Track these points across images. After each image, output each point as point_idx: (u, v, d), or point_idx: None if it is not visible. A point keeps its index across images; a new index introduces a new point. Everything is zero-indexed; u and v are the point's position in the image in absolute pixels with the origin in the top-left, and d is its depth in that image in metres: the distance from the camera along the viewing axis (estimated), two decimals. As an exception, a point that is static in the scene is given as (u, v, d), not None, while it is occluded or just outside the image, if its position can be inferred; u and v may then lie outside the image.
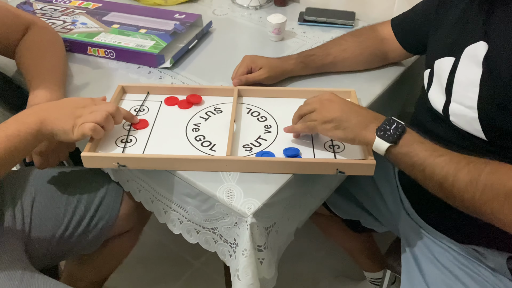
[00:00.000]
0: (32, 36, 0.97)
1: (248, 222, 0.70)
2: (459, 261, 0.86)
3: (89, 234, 0.98)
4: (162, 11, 1.26)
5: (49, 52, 0.96)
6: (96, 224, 0.98)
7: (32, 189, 0.94)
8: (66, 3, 1.28)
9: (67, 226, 0.94)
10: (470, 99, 0.73)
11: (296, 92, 0.94)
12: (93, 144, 0.78)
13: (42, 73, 0.90)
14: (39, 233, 0.91)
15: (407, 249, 0.95)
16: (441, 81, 0.80)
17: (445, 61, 0.79)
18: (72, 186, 0.98)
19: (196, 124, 0.87)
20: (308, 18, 1.25)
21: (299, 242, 1.11)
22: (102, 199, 0.99)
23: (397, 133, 0.69)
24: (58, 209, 0.94)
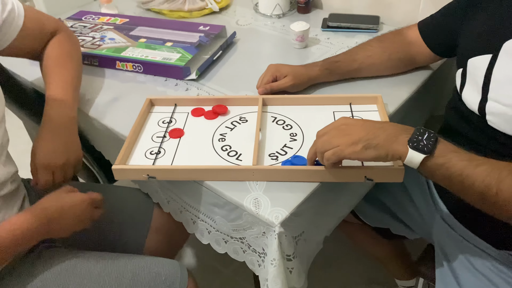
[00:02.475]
0: (53, 45, 0.98)
1: (276, 232, 0.70)
2: (496, 267, 0.83)
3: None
4: (187, 23, 1.29)
5: (68, 63, 0.97)
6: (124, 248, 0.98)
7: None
8: (94, 20, 1.33)
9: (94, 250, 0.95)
10: (508, 97, 0.70)
11: (321, 99, 0.94)
12: (124, 156, 0.80)
13: (56, 92, 0.92)
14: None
15: (441, 256, 0.92)
16: (476, 80, 0.77)
17: (481, 59, 0.76)
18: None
19: (222, 134, 0.88)
20: (332, 24, 1.25)
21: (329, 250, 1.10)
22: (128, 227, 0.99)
23: (431, 142, 0.64)
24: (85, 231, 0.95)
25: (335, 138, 0.68)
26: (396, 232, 1.10)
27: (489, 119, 0.76)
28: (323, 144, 0.69)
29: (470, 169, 0.62)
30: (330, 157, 0.68)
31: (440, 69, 1.07)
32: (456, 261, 0.88)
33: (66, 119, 0.90)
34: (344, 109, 0.92)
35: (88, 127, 1.02)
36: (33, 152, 0.86)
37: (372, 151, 0.66)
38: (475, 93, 0.78)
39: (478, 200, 0.64)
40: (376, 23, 1.23)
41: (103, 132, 0.96)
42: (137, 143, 0.86)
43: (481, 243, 0.85)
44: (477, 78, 0.77)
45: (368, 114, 0.90)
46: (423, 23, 0.97)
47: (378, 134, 0.67)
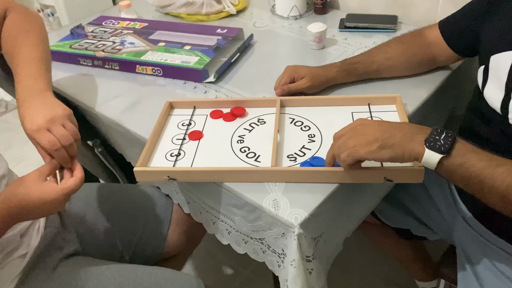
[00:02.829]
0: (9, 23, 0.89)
1: (295, 233, 0.71)
2: None
3: (136, 260, 1.00)
4: (204, 27, 1.30)
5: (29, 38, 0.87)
6: (144, 250, 1.01)
7: (83, 206, 0.98)
8: (114, 25, 1.35)
9: (114, 249, 0.98)
10: None
11: (339, 100, 0.94)
12: (145, 159, 0.82)
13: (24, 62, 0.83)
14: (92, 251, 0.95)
15: (463, 257, 0.91)
16: (499, 77, 0.76)
17: (504, 55, 0.75)
18: (120, 208, 1.01)
19: (241, 136, 0.89)
20: (349, 25, 1.25)
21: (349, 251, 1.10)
22: (149, 225, 1.02)
23: (448, 142, 0.63)
24: (106, 230, 0.97)
25: (351, 139, 0.68)
26: (416, 233, 1.09)
27: (511, 118, 0.74)
28: (340, 146, 0.69)
29: (490, 169, 0.61)
30: (346, 158, 0.68)
31: (460, 68, 1.05)
32: (479, 262, 0.87)
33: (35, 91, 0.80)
34: (363, 109, 0.92)
35: (109, 130, 1.04)
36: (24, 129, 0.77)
37: (388, 151, 0.66)
38: (497, 91, 0.76)
39: (498, 202, 0.63)
40: (394, 23, 1.22)
41: (124, 135, 0.98)
42: (157, 145, 0.88)
43: (504, 245, 0.84)
44: (501, 74, 0.76)
45: (387, 114, 0.89)
46: (444, 23, 0.96)
47: (394, 133, 0.66)
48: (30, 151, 2.03)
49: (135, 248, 1.00)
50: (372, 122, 0.70)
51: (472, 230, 0.90)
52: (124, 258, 0.99)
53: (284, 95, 0.96)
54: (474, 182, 0.63)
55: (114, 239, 0.98)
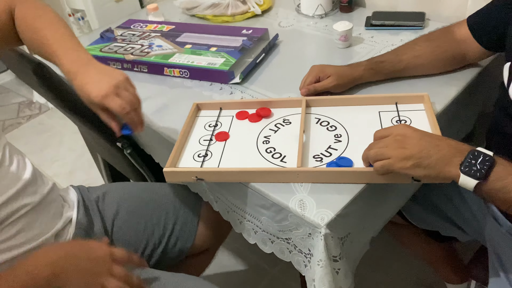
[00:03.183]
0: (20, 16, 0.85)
1: (322, 233, 0.71)
2: None
3: (167, 254, 1.03)
4: (230, 28, 1.31)
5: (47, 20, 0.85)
6: (175, 245, 1.03)
7: (114, 203, 1.01)
8: (142, 28, 1.39)
9: (146, 243, 1.00)
10: None
11: (365, 99, 0.93)
12: (174, 159, 0.84)
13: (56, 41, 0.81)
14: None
15: (494, 258, 0.89)
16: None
17: None
18: (149, 201, 1.04)
19: (267, 137, 0.89)
20: (376, 23, 1.23)
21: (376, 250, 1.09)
22: (177, 217, 1.04)
23: (485, 167, 0.61)
24: (138, 225, 1.00)
25: (389, 149, 0.68)
26: (446, 234, 1.07)
27: None
28: (376, 153, 0.70)
29: None
30: (379, 169, 0.69)
31: (491, 64, 1.03)
32: (510, 263, 0.85)
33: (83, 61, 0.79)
34: (390, 108, 0.91)
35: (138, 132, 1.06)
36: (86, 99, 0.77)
37: (422, 170, 0.66)
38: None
39: None
40: (422, 20, 1.20)
41: (153, 136, 1.00)
42: (185, 146, 0.90)
43: None
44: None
45: (415, 113, 0.88)
46: (472, 18, 0.94)
47: (431, 154, 0.65)
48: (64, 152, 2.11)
49: (166, 244, 1.02)
50: (414, 133, 0.69)
51: (503, 230, 0.88)
52: (154, 253, 1.01)
53: (310, 95, 0.96)
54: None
55: (145, 235, 1.00)
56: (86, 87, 0.76)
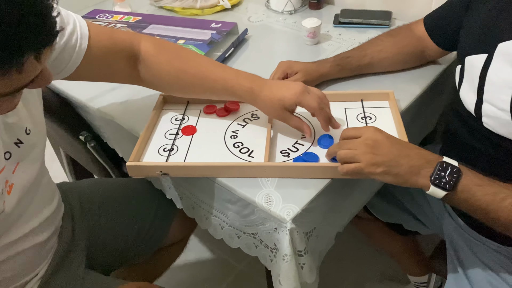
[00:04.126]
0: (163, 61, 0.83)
1: (287, 228, 0.71)
2: (503, 262, 0.83)
3: (144, 246, 1.02)
4: (199, 21, 1.30)
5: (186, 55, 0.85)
6: (151, 237, 1.02)
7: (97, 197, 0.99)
8: (108, 18, 1.35)
9: (125, 241, 0.99)
10: (503, 101, 0.69)
11: (332, 96, 0.94)
12: (137, 153, 0.82)
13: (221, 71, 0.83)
14: (100, 247, 0.96)
15: (451, 251, 0.92)
16: (472, 79, 0.76)
17: (477, 58, 0.75)
18: (128, 201, 1.02)
19: (234, 131, 0.89)
20: (344, 20, 1.24)
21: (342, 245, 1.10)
22: (157, 212, 1.03)
23: (453, 179, 0.64)
24: (115, 223, 0.98)
25: (360, 153, 0.69)
26: (409, 228, 1.10)
27: (484, 121, 0.74)
28: (347, 154, 0.70)
29: (495, 204, 0.63)
30: (348, 171, 0.70)
31: (453, 63, 1.06)
32: (465, 256, 0.88)
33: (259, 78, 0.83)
34: (356, 105, 0.92)
35: (102, 124, 1.04)
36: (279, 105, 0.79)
37: (391, 178, 0.68)
38: (471, 94, 0.77)
39: (503, 230, 0.66)
40: (388, 19, 1.22)
41: (117, 129, 0.97)
42: (150, 140, 0.88)
43: (486, 241, 0.85)
44: (473, 77, 0.76)
45: (380, 110, 0.90)
46: (428, 18, 0.97)
47: (401, 163, 0.67)
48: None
49: (142, 239, 1.01)
50: (385, 140, 0.69)
51: (458, 226, 0.91)
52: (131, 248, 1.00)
53: None
54: (479, 214, 0.66)
55: (125, 235, 0.99)
56: (279, 92, 0.79)
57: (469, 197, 0.65)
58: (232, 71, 0.84)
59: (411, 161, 0.67)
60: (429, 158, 0.68)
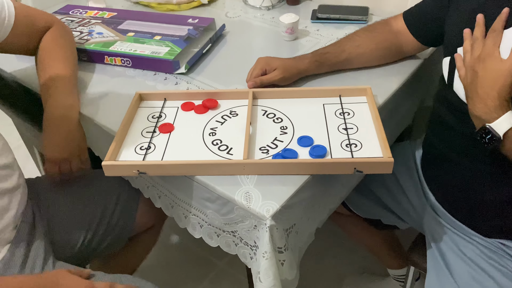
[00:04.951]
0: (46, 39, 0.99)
1: (267, 225, 0.71)
2: (486, 254, 0.85)
3: (112, 233, 1.01)
4: (175, 16, 1.28)
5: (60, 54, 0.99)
6: (117, 222, 1.01)
7: (54, 193, 0.98)
8: (82, 14, 1.31)
9: (89, 227, 0.98)
10: None
11: (311, 92, 0.94)
12: (113, 152, 0.80)
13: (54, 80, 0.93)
14: (63, 237, 0.95)
15: (432, 245, 0.94)
16: None
17: None
18: (89, 187, 1.01)
19: (213, 129, 0.88)
20: (321, 16, 1.24)
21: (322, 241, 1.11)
22: (120, 195, 1.02)
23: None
24: (78, 210, 0.98)
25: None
26: (387, 223, 1.11)
27: None
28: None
29: None
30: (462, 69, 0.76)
31: (430, 58, 1.07)
32: (447, 249, 0.90)
33: (63, 109, 0.90)
34: (334, 101, 0.92)
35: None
36: (43, 144, 0.90)
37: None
38: None
39: None
40: (365, 14, 1.22)
41: (92, 127, 0.95)
42: (126, 138, 0.86)
43: (470, 233, 0.87)
44: None
45: (358, 106, 0.90)
46: (408, 12, 0.98)
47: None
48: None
49: (108, 224, 1.00)
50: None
51: (440, 218, 0.93)
52: (96, 235, 0.99)
53: (256, 87, 0.95)
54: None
55: (87, 218, 0.98)
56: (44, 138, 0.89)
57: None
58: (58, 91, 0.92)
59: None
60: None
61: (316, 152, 0.78)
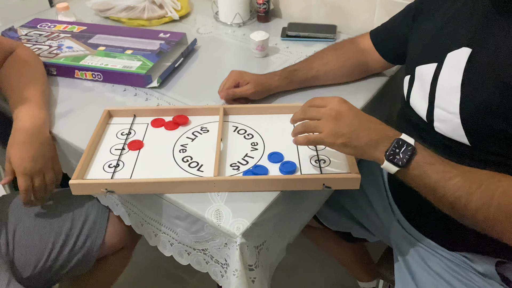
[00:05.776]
0: (9, 61, 1.00)
1: (237, 243, 0.71)
2: (450, 267, 0.87)
3: (78, 254, 0.98)
4: (146, 31, 1.27)
5: (26, 69, 0.99)
6: (84, 244, 0.99)
7: (17, 212, 0.95)
8: (51, 28, 1.29)
9: (53, 246, 0.95)
10: (453, 105, 0.74)
11: (281, 108, 0.95)
12: (81, 170, 0.79)
13: (24, 96, 0.92)
14: (25, 257, 0.92)
15: (399, 258, 0.95)
16: (424, 87, 0.81)
17: (428, 67, 0.80)
18: (55, 205, 0.99)
19: (183, 145, 0.87)
20: (291, 34, 1.27)
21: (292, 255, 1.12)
22: (88, 216, 1.00)
23: (407, 156, 0.67)
24: (42, 229, 0.95)
25: (322, 123, 0.70)
26: (357, 236, 1.12)
27: (436, 126, 0.79)
28: (310, 125, 0.72)
29: (443, 182, 0.65)
30: (310, 140, 0.72)
31: (395, 76, 1.11)
32: (413, 262, 0.92)
33: (38, 121, 0.89)
34: (304, 117, 0.94)
35: None
36: (8, 158, 0.85)
37: (350, 150, 0.70)
38: (422, 100, 0.81)
39: (448, 209, 0.67)
40: (333, 32, 1.26)
41: (59, 144, 0.93)
42: (95, 156, 0.85)
43: (434, 246, 0.89)
44: (425, 85, 0.80)
45: (327, 122, 0.92)
46: (375, 31, 1.01)
47: (361, 136, 0.69)
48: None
49: (74, 243, 0.98)
50: (348, 111, 0.71)
51: (406, 232, 0.95)
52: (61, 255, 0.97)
53: (228, 99, 0.96)
54: (428, 191, 0.68)
55: (51, 237, 0.96)
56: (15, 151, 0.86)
57: (420, 174, 0.67)
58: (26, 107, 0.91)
59: (371, 134, 0.69)
60: (387, 134, 0.70)
61: (286, 168, 0.79)
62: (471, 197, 0.63)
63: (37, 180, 0.87)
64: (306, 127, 0.73)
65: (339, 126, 0.69)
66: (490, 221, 0.63)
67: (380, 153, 0.68)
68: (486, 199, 0.63)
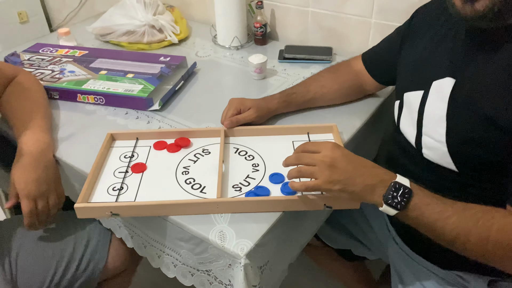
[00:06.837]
0: (12, 87, 1.02)
1: (241, 264, 0.72)
2: (444, 286, 0.88)
3: (80, 278, 0.98)
4: (147, 55, 1.30)
5: (28, 94, 1.01)
6: (86, 267, 0.99)
7: (19, 236, 0.96)
8: (53, 53, 1.32)
9: (55, 270, 0.95)
10: (439, 134, 0.75)
11: (280, 130, 0.97)
12: (86, 194, 0.80)
13: (27, 120, 0.94)
14: (28, 281, 0.92)
15: (396, 276, 0.97)
16: (412, 115, 0.82)
17: (415, 94, 0.81)
18: (57, 229, 0.99)
19: (186, 167, 0.89)
20: (288, 56, 1.30)
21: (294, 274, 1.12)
22: (90, 239, 1.00)
23: (404, 199, 0.68)
24: (45, 253, 0.96)
25: (318, 170, 0.70)
26: (357, 253, 1.14)
27: (424, 153, 0.80)
28: (306, 171, 0.72)
29: (440, 222, 0.67)
30: (308, 187, 0.72)
31: (391, 96, 1.14)
32: (408, 280, 0.93)
33: (42, 145, 0.90)
34: (303, 138, 0.96)
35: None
36: (13, 181, 0.86)
37: (346, 195, 0.70)
38: (411, 127, 0.83)
39: (448, 245, 0.69)
40: (329, 54, 1.29)
41: (63, 168, 0.95)
42: (99, 179, 0.86)
43: (428, 265, 0.90)
44: (412, 112, 0.82)
45: (326, 143, 0.94)
46: (366, 54, 1.04)
47: (357, 182, 0.69)
48: None
49: (76, 268, 0.98)
50: (342, 158, 0.71)
51: (401, 251, 0.96)
52: (63, 279, 0.97)
53: (232, 127, 0.97)
54: (427, 230, 0.70)
55: (54, 261, 0.96)
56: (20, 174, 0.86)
57: (418, 215, 0.68)
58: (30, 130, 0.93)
59: (366, 180, 0.69)
60: (383, 178, 0.70)
61: (288, 189, 0.81)
62: (469, 236, 0.65)
63: (41, 203, 0.87)
64: (302, 173, 0.73)
65: (335, 173, 0.69)
66: (488, 257, 0.66)
67: (377, 197, 0.69)
68: (484, 236, 0.64)
